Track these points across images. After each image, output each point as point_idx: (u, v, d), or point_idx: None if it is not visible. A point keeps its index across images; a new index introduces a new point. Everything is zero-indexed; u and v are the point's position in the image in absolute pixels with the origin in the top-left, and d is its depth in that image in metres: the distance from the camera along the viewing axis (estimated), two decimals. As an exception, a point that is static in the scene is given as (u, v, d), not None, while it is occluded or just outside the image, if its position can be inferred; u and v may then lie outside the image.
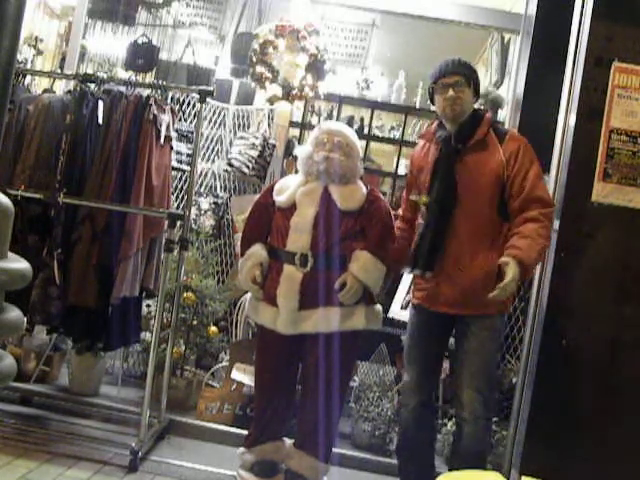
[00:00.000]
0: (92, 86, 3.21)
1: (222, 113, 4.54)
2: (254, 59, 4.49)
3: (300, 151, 2.94)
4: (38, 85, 4.46)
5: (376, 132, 5.94)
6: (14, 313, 1.55)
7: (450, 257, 2.62)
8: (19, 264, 1.55)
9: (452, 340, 2.90)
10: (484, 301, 2.54)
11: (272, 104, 4.53)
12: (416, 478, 2.82)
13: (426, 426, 2.79)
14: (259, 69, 4.47)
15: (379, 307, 2.91)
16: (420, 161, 2.80)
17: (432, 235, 2.64)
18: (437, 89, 2.71)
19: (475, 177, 2.63)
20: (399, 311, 4.05)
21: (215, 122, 4.53)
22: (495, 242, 2.62)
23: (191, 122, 4.10)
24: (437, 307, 2.69)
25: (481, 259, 2.60)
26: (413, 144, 5.83)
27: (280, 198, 2.86)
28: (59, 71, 4.60)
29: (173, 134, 3.38)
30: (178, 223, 3.19)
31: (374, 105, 5.67)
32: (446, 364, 3.83)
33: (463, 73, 2.69)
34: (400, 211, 2.99)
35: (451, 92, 2.65)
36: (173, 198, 3.71)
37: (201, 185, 4.49)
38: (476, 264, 2.60)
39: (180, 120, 3.92)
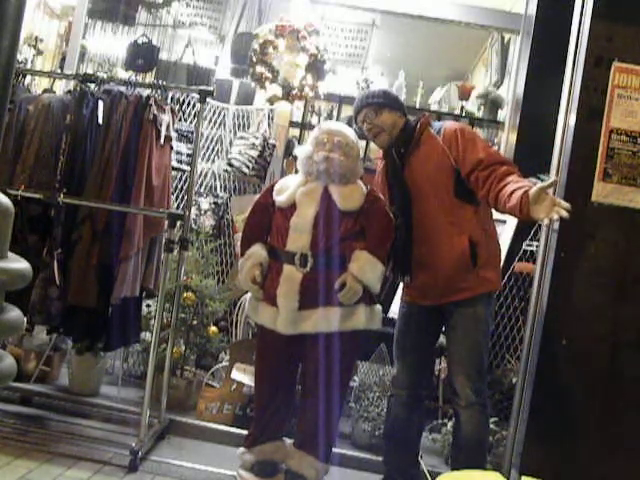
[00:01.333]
0: (92, 86, 3.20)
1: (222, 113, 4.55)
2: (254, 59, 4.49)
3: (300, 151, 2.94)
4: (38, 85, 4.46)
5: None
6: (14, 313, 1.55)
7: (423, 251, 2.75)
8: (19, 264, 1.55)
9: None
10: (461, 285, 2.69)
11: (272, 104, 4.53)
12: (401, 466, 2.90)
13: (415, 417, 2.88)
14: (259, 69, 4.47)
15: (379, 307, 2.91)
16: (380, 180, 3.01)
17: (402, 240, 2.79)
18: (360, 126, 2.94)
19: (423, 172, 2.75)
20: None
21: (215, 122, 4.53)
22: (463, 226, 2.71)
23: (191, 122, 4.11)
24: (426, 301, 2.81)
25: (451, 244, 2.69)
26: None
27: (280, 198, 2.86)
28: (59, 71, 4.61)
29: (173, 134, 3.38)
30: (178, 223, 3.19)
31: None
32: (446, 364, 3.84)
33: (367, 103, 2.87)
34: None
35: (366, 126, 2.88)
36: (173, 198, 3.71)
37: (201, 185, 4.49)
38: (446, 250, 2.70)
39: (180, 120, 3.92)
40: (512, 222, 3.85)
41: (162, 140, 3.20)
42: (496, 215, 4.04)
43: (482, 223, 2.79)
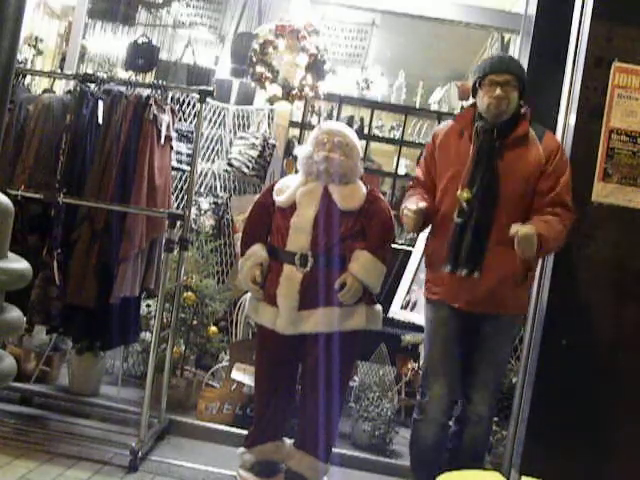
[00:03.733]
0: (92, 86, 3.20)
1: (222, 113, 4.54)
2: (254, 59, 4.49)
3: (300, 151, 2.94)
4: (38, 85, 4.46)
5: (376, 132, 5.94)
6: (14, 313, 1.55)
7: (487, 251, 2.58)
8: (19, 264, 1.55)
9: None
10: (507, 299, 2.59)
11: (272, 104, 4.53)
12: None
13: (444, 443, 2.74)
14: (259, 69, 4.47)
15: (379, 307, 2.91)
16: (449, 146, 2.70)
17: (475, 233, 2.56)
18: (484, 84, 2.61)
19: (514, 174, 2.58)
20: (399, 311, 4.06)
21: (215, 122, 4.53)
22: None
23: (191, 122, 4.10)
24: (459, 304, 2.61)
25: (508, 257, 2.52)
26: (413, 144, 5.86)
27: (280, 198, 2.86)
28: (59, 71, 4.60)
29: (173, 134, 3.38)
30: (178, 223, 3.19)
31: (374, 105, 5.68)
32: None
33: (515, 73, 2.61)
34: (415, 194, 2.79)
35: (499, 91, 2.57)
36: (173, 198, 3.70)
37: (201, 185, 4.49)
38: (510, 258, 2.52)
39: (180, 120, 3.92)
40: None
41: (162, 140, 3.20)
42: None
43: None
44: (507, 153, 2.59)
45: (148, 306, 3.77)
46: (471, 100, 2.76)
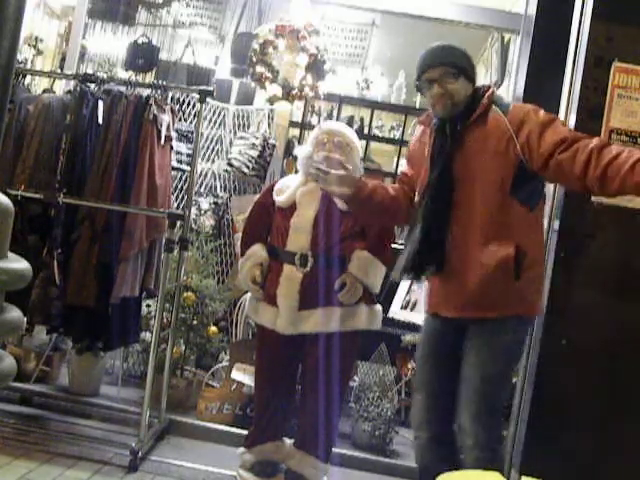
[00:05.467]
0: (92, 86, 3.20)
1: (222, 113, 4.54)
2: (254, 59, 4.49)
3: (300, 151, 2.94)
4: (38, 85, 4.46)
5: (376, 132, 5.94)
6: (14, 313, 1.55)
7: (457, 253, 2.25)
8: (19, 264, 1.55)
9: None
10: (494, 300, 2.21)
11: (272, 104, 4.53)
12: None
13: (444, 460, 2.25)
14: (259, 69, 4.47)
15: (379, 307, 2.91)
16: (416, 152, 2.48)
17: (427, 231, 2.27)
18: (423, 85, 2.34)
19: (478, 158, 2.25)
20: (399, 311, 4.06)
21: (215, 122, 4.53)
22: (513, 230, 2.21)
23: (191, 122, 4.10)
24: (448, 312, 2.31)
25: (494, 249, 2.19)
26: (413, 144, 5.86)
27: (280, 198, 2.86)
28: (59, 71, 4.60)
29: (173, 134, 3.38)
30: (178, 223, 3.19)
31: (374, 105, 5.68)
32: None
33: (449, 62, 2.30)
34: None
35: (437, 89, 2.27)
36: (173, 198, 3.71)
37: (201, 185, 4.49)
38: (488, 255, 2.19)
39: (180, 120, 3.92)
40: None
41: (162, 140, 3.20)
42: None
43: (534, 231, 2.30)
44: (467, 138, 2.27)
45: (148, 306, 3.77)
46: None
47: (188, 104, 4.33)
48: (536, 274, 2.30)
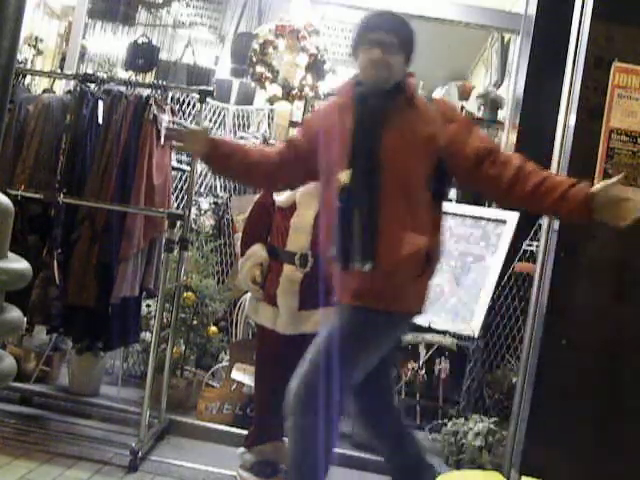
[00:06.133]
0: (92, 86, 3.21)
1: (222, 113, 4.55)
2: (254, 59, 4.50)
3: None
4: (38, 85, 4.46)
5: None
6: (14, 313, 1.55)
7: (381, 240, 2.13)
8: (19, 264, 1.55)
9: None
10: (399, 296, 2.14)
11: (272, 104, 4.53)
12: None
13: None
14: (259, 69, 4.47)
15: (379, 307, 2.90)
16: (323, 124, 2.27)
17: (363, 219, 2.12)
18: (361, 45, 2.20)
19: (402, 146, 2.13)
20: (399, 311, 4.04)
21: (215, 122, 4.53)
22: (425, 227, 2.15)
23: (191, 122, 4.10)
24: (346, 299, 2.21)
25: (408, 243, 2.10)
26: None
27: (280, 198, 2.86)
28: (59, 71, 4.61)
29: (173, 134, 3.38)
30: (178, 223, 3.19)
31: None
32: (446, 364, 3.85)
33: (400, 33, 2.20)
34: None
35: (378, 53, 2.15)
36: (173, 198, 3.71)
37: (201, 185, 4.49)
38: (405, 248, 2.10)
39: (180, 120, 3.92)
40: (512, 222, 3.86)
41: (162, 140, 3.20)
42: (496, 215, 4.05)
43: (438, 230, 2.24)
44: (394, 121, 2.15)
45: (148, 306, 3.77)
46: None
47: (188, 104, 4.34)
48: (432, 273, 2.23)
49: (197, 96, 3.34)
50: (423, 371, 3.86)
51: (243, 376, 3.39)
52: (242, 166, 2.32)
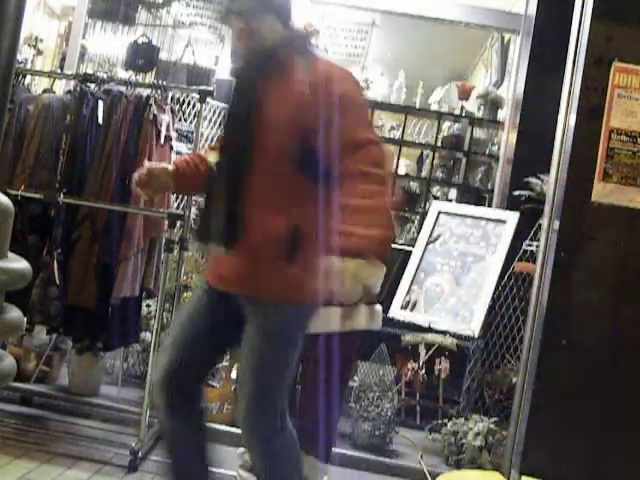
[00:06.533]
0: (92, 86, 3.21)
1: (222, 113, 4.54)
2: (254, 59, 4.49)
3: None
4: (38, 85, 4.46)
5: (376, 132, 5.93)
6: (14, 313, 1.55)
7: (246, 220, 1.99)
8: (19, 264, 1.55)
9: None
10: (261, 279, 1.98)
11: (272, 104, 4.53)
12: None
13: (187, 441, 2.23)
14: (259, 69, 4.46)
15: (379, 307, 2.91)
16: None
17: (222, 199, 2.01)
18: (226, 19, 2.14)
19: (272, 117, 1.97)
20: (399, 311, 4.06)
21: (215, 122, 4.53)
22: (291, 204, 1.98)
23: (191, 122, 4.10)
24: (217, 284, 2.08)
25: (267, 221, 1.96)
26: (413, 144, 5.87)
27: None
28: (59, 71, 4.61)
29: (173, 134, 3.38)
30: (178, 223, 3.20)
31: (374, 105, 5.67)
32: (446, 364, 3.84)
33: (232, 12, 2.09)
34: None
35: (237, 23, 2.07)
36: (173, 198, 3.71)
37: (201, 185, 4.48)
38: (262, 227, 1.96)
39: (180, 120, 3.92)
40: (512, 222, 3.86)
41: (162, 140, 3.21)
42: (497, 215, 4.05)
43: (316, 209, 1.99)
44: (266, 93, 2.00)
45: (148, 306, 3.77)
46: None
47: (188, 104, 4.33)
48: (315, 260, 1.95)
49: (197, 96, 3.34)
50: (423, 371, 3.86)
51: (243, 376, 3.39)
52: (197, 178, 2.24)
